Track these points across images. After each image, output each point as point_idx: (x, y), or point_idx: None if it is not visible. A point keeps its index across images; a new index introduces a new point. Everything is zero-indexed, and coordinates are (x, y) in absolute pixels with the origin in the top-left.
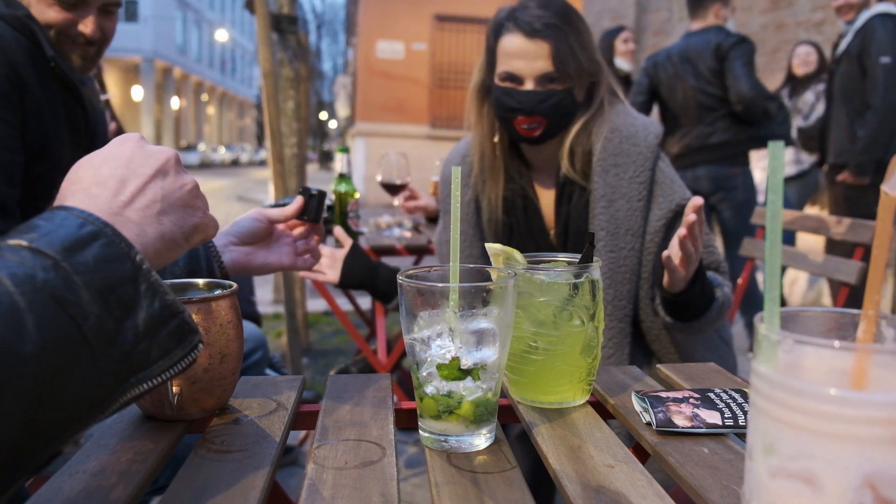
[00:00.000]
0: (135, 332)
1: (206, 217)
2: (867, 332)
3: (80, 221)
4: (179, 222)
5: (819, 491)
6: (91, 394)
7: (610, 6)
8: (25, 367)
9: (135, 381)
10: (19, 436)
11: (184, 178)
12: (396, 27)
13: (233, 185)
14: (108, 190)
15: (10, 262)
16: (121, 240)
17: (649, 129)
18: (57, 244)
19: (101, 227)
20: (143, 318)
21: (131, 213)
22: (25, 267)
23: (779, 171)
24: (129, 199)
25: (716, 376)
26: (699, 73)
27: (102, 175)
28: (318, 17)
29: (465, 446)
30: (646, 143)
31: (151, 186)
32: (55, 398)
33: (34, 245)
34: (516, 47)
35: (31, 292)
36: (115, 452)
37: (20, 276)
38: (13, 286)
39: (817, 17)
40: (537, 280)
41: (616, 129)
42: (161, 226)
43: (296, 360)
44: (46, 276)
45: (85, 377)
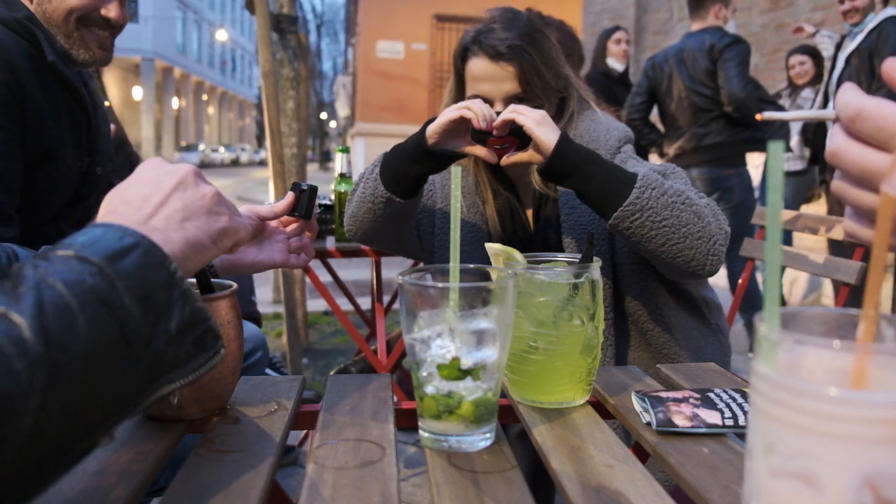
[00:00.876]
0: (167, 336)
1: (232, 221)
2: (867, 332)
3: (120, 234)
4: (205, 227)
5: (819, 491)
6: (126, 391)
7: (610, 6)
8: (77, 364)
9: (164, 381)
10: (67, 429)
11: (204, 188)
12: (396, 27)
13: (233, 185)
14: (133, 207)
15: (61, 269)
16: (157, 249)
17: (611, 131)
18: (101, 253)
19: (139, 239)
20: (175, 322)
21: (156, 222)
22: (75, 272)
23: (779, 171)
24: (152, 211)
25: (716, 376)
26: (693, 73)
27: (126, 196)
28: (318, 17)
29: (465, 446)
30: (606, 145)
31: (172, 198)
32: (97, 394)
33: (80, 254)
34: (482, 71)
35: (81, 294)
36: (115, 452)
37: (71, 281)
38: (65, 289)
39: (817, 17)
40: (537, 280)
41: (579, 135)
42: (186, 231)
43: (296, 360)
44: (94, 280)
45: (122, 376)
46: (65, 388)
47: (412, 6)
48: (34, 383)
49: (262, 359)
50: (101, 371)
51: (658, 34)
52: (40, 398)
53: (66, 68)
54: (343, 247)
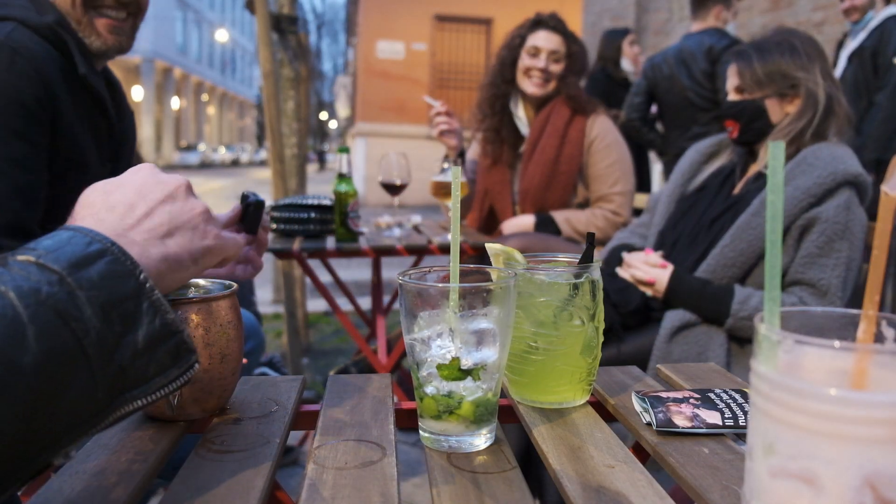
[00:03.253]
0: (133, 349)
1: (219, 240)
2: (867, 332)
3: (88, 240)
4: (186, 245)
5: (819, 491)
6: (85, 407)
7: (610, 6)
8: (23, 378)
9: (129, 396)
10: (12, 446)
11: (193, 203)
12: (396, 27)
13: (233, 185)
14: (116, 214)
15: (17, 276)
16: (126, 258)
17: (832, 165)
18: (63, 260)
19: (108, 246)
20: (142, 335)
21: (135, 234)
22: (31, 281)
23: (779, 171)
24: (135, 221)
25: (716, 376)
26: (692, 74)
27: (112, 201)
28: (318, 17)
29: (465, 446)
30: (817, 179)
31: (159, 211)
32: (50, 409)
33: (41, 260)
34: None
35: (34, 305)
36: (115, 452)
37: (25, 290)
38: (17, 298)
39: (817, 17)
40: (537, 280)
41: (801, 157)
42: (165, 247)
43: (296, 360)
44: (51, 290)
45: (81, 390)
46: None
47: (412, 6)
48: None
49: (256, 348)
50: (56, 386)
51: (658, 34)
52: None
53: (95, 78)
54: (343, 247)
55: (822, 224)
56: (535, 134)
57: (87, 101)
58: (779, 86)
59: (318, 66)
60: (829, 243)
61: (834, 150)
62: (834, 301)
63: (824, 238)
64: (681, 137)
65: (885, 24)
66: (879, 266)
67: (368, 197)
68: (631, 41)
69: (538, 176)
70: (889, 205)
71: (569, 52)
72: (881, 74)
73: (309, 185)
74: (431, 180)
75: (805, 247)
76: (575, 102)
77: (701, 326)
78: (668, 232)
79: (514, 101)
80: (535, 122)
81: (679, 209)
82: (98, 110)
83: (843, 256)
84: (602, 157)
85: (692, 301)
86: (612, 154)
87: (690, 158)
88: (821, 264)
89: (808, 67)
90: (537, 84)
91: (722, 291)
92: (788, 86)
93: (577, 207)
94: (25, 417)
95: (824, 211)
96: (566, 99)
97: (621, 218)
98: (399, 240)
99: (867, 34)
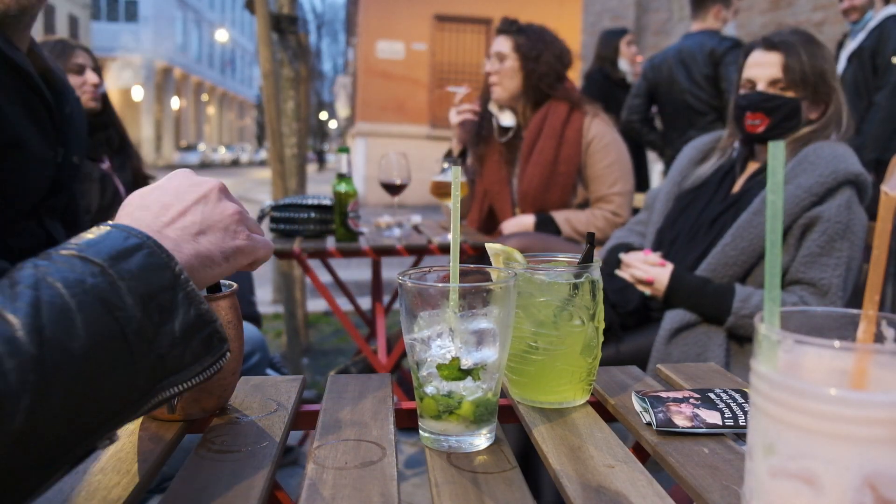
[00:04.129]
0: (171, 338)
1: (251, 241)
2: (867, 332)
3: (125, 234)
4: (218, 243)
5: (819, 491)
6: (127, 393)
7: (610, 6)
8: (74, 364)
9: (167, 383)
10: (64, 429)
11: (226, 205)
12: (396, 27)
13: (233, 186)
14: (151, 212)
15: (62, 268)
16: (162, 251)
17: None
18: (104, 253)
19: (144, 240)
20: (179, 324)
21: (170, 231)
22: (76, 272)
23: (779, 171)
24: (169, 220)
25: (716, 376)
26: (692, 77)
27: (148, 201)
28: (318, 17)
29: (465, 446)
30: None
31: (192, 210)
32: (97, 395)
33: (83, 254)
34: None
35: (81, 294)
36: (115, 452)
37: (71, 280)
38: (64, 288)
39: (817, 17)
40: (537, 280)
41: (803, 155)
42: (198, 244)
43: (296, 360)
44: (94, 280)
45: (123, 377)
46: (61, 388)
47: (412, 6)
48: (25, 383)
49: (261, 361)
50: (101, 372)
51: (658, 34)
52: (32, 397)
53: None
54: (343, 247)
55: (823, 223)
56: (532, 135)
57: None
58: (818, 90)
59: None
60: (830, 242)
61: (835, 148)
62: (834, 301)
63: (826, 237)
64: (678, 139)
65: (885, 24)
66: (879, 266)
67: (368, 197)
68: (628, 41)
69: (537, 177)
70: (889, 205)
71: (515, 47)
72: (881, 74)
73: (309, 185)
74: (431, 180)
75: (806, 246)
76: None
77: (700, 327)
78: (666, 230)
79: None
80: (532, 123)
81: (677, 207)
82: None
83: (844, 256)
84: (600, 158)
85: (693, 300)
86: (611, 154)
87: (688, 155)
88: (822, 264)
89: (836, 75)
90: (493, 89)
91: (723, 290)
92: (825, 92)
93: (576, 208)
94: (76, 402)
95: (826, 210)
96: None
97: (621, 218)
98: (399, 240)
99: (866, 34)
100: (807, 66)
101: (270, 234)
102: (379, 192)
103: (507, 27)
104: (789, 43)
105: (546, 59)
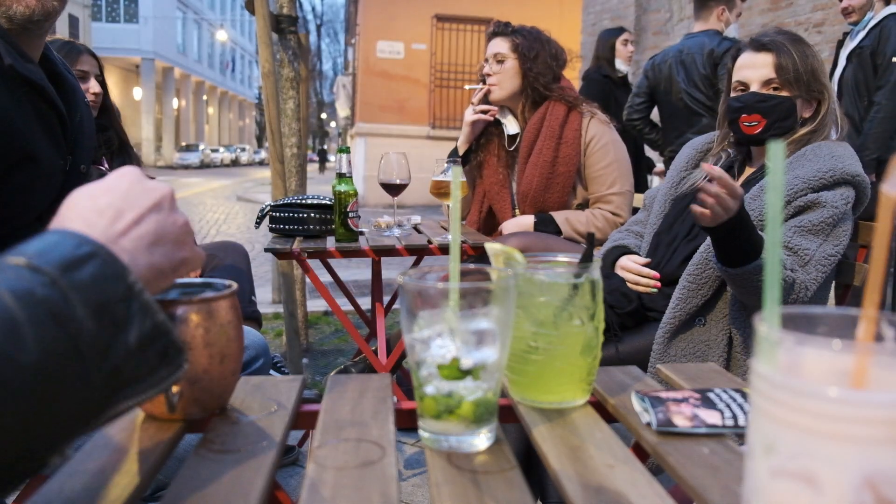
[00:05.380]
0: (126, 349)
1: (193, 252)
2: (867, 332)
3: (77, 242)
4: (169, 255)
5: (819, 491)
6: (81, 407)
7: (610, 6)
8: (24, 379)
9: (122, 396)
10: (14, 447)
11: (177, 215)
12: (396, 27)
13: (233, 185)
14: (106, 219)
15: (10, 278)
16: (115, 260)
17: (829, 165)
18: (55, 262)
19: (97, 248)
20: (134, 335)
21: (125, 242)
22: (24, 282)
23: (779, 171)
24: (124, 229)
25: (716, 376)
26: (690, 77)
27: (100, 205)
28: (318, 17)
29: (465, 446)
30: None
31: (147, 219)
32: (48, 409)
33: (33, 263)
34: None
35: (31, 306)
36: (115, 452)
37: (20, 292)
38: (13, 300)
39: (817, 17)
40: (537, 280)
41: (801, 153)
42: (152, 256)
43: (296, 360)
44: (45, 291)
45: (77, 390)
46: (10, 403)
47: (412, 6)
48: None
49: (264, 366)
50: (53, 386)
51: (658, 34)
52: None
53: (25, 66)
54: (343, 247)
55: (822, 208)
56: (530, 136)
57: (24, 92)
58: (811, 87)
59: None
60: (826, 227)
61: (834, 148)
62: (808, 282)
63: (821, 219)
64: (676, 141)
65: (884, 24)
66: (879, 266)
67: (368, 197)
68: (624, 40)
69: (536, 178)
70: (889, 205)
71: (513, 47)
72: (881, 74)
73: (309, 185)
74: (431, 180)
75: (800, 219)
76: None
77: (698, 328)
78: (663, 233)
79: (502, 112)
80: (531, 123)
81: (674, 209)
82: (42, 101)
83: (833, 243)
84: (599, 158)
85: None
86: (609, 155)
87: (686, 156)
88: (810, 238)
89: (826, 74)
90: (492, 90)
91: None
92: (818, 90)
93: (576, 208)
94: (26, 417)
95: (826, 196)
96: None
97: (621, 218)
98: (399, 240)
99: (866, 33)
100: (798, 64)
101: (271, 235)
102: (379, 192)
103: (502, 29)
104: (778, 42)
105: (543, 59)
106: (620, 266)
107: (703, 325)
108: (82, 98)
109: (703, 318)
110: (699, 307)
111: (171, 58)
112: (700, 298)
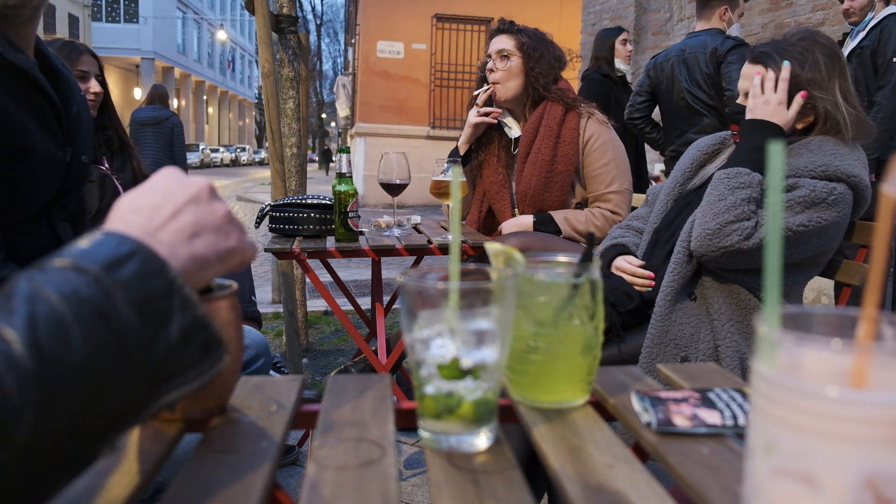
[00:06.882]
0: (168, 344)
1: (241, 242)
2: (867, 332)
3: (118, 241)
4: (213, 245)
5: (819, 491)
6: (127, 401)
7: (610, 6)
8: (74, 377)
9: (166, 389)
10: (67, 442)
11: (217, 205)
12: (396, 27)
13: (233, 185)
14: (143, 216)
15: (56, 280)
16: (155, 257)
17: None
18: (98, 262)
19: (137, 246)
20: (176, 330)
21: (163, 235)
22: (70, 284)
23: (779, 171)
24: (161, 223)
25: (716, 376)
26: (692, 76)
27: (138, 204)
28: (318, 17)
29: (465, 446)
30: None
31: (184, 212)
32: (98, 406)
33: (77, 263)
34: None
35: (77, 306)
36: (115, 452)
37: (66, 292)
38: (61, 301)
39: (817, 17)
40: (537, 280)
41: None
42: (193, 247)
43: (296, 360)
44: (90, 291)
45: (123, 385)
46: (62, 402)
47: (412, 6)
48: (27, 399)
49: (264, 365)
50: (100, 382)
51: (658, 34)
52: (35, 413)
53: (15, 55)
54: (343, 247)
55: (799, 189)
56: (529, 135)
57: (15, 84)
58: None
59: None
60: (794, 202)
61: (838, 146)
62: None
63: (792, 197)
64: (677, 140)
65: (884, 24)
66: (879, 266)
67: (368, 197)
68: (623, 40)
69: (535, 178)
70: (889, 205)
71: (519, 45)
72: (881, 74)
73: (313, 186)
74: (431, 180)
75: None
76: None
77: (689, 303)
78: (663, 230)
79: (503, 114)
80: (529, 123)
81: (675, 208)
82: (34, 91)
83: (804, 217)
84: (597, 157)
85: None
86: (608, 153)
87: (692, 156)
88: (786, 214)
89: (827, 87)
90: (496, 89)
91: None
92: (810, 105)
93: (575, 207)
94: (76, 414)
95: (806, 181)
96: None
97: (619, 217)
98: (399, 240)
99: (866, 33)
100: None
101: (270, 234)
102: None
103: (507, 27)
104: (764, 53)
105: (547, 60)
106: (616, 267)
107: (693, 301)
108: (79, 92)
109: (693, 293)
110: (689, 281)
111: (171, 58)
112: (691, 269)
